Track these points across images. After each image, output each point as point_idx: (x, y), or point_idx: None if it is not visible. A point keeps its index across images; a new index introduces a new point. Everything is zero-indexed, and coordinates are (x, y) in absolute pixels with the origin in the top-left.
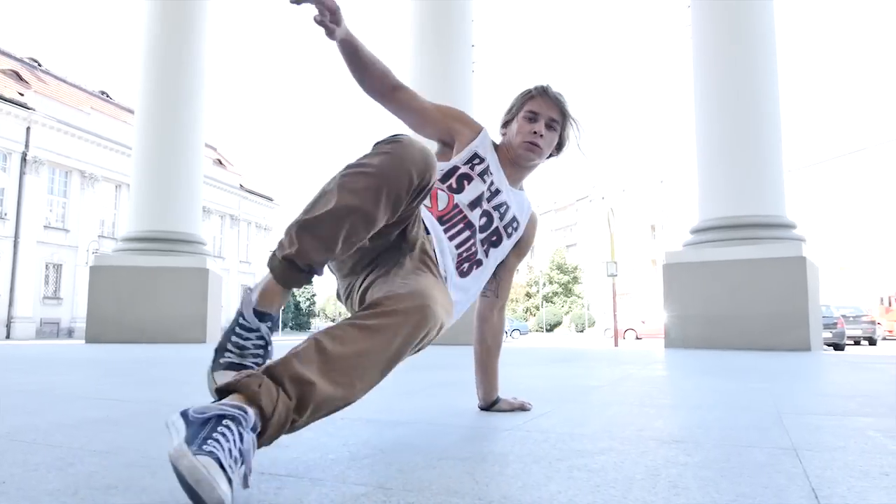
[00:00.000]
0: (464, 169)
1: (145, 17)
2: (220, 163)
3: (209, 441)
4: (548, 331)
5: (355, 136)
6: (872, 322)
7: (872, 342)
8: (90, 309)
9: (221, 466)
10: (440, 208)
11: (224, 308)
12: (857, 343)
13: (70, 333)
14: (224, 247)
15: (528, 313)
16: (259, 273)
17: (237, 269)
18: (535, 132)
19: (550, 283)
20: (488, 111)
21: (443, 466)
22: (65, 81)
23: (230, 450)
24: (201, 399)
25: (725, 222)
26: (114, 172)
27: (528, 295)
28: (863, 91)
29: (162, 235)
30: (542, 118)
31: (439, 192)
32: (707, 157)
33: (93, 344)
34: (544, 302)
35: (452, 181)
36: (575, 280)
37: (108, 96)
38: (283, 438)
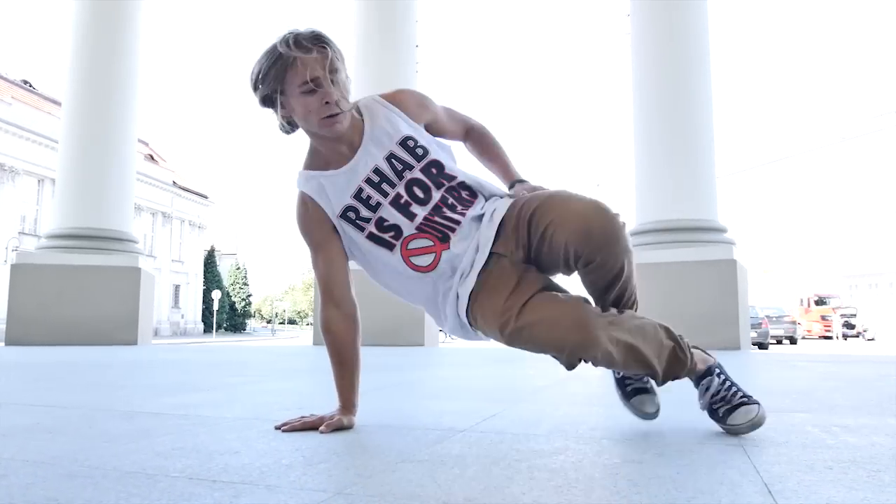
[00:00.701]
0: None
1: (74, 3)
2: (153, 158)
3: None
4: None
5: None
6: (793, 322)
7: (793, 341)
8: (10, 309)
9: None
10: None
11: (155, 309)
12: (779, 342)
13: None
14: (156, 245)
15: None
16: (192, 272)
17: (169, 268)
18: (326, 103)
19: None
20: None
21: (402, 470)
22: None
23: None
24: (140, 403)
25: (661, 225)
26: (36, 166)
27: None
28: (786, 103)
29: (91, 233)
30: (320, 82)
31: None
32: (645, 162)
33: (14, 346)
34: None
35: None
36: None
37: (30, 86)
38: (233, 444)
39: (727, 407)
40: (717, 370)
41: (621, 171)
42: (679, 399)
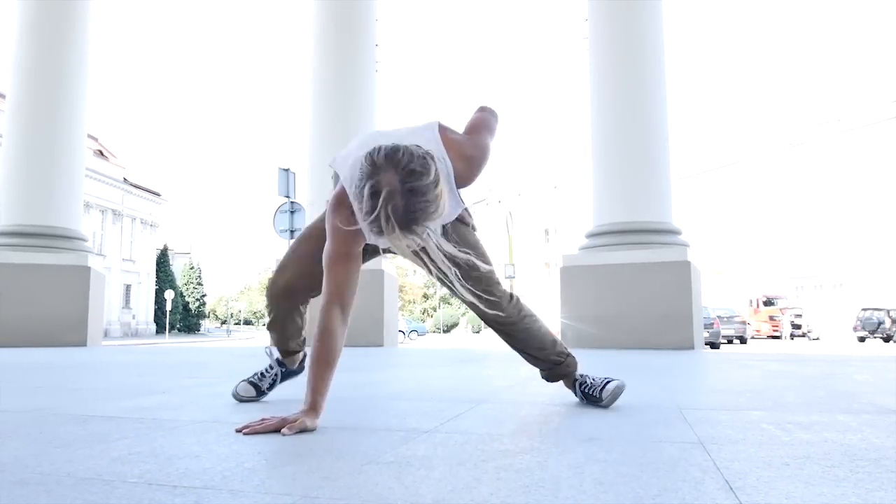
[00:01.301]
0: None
1: None
2: (102, 154)
3: None
4: (445, 332)
5: (249, 128)
6: (743, 322)
7: (743, 341)
8: None
9: None
10: None
11: (105, 309)
12: (730, 342)
13: None
14: (105, 244)
15: (426, 314)
16: (143, 271)
17: (120, 267)
18: None
19: None
20: (390, 110)
21: (368, 472)
22: None
23: None
24: (93, 406)
25: (618, 227)
26: None
27: (426, 296)
28: (739, 107)
29: (37, 230)
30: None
31: None
32: (602, 165)
33: None
34: (441, 303)
35: None
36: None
37: None
38: (193, 447)
39: (600, 388)
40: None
41: (579, 173)
42: (637, 399)
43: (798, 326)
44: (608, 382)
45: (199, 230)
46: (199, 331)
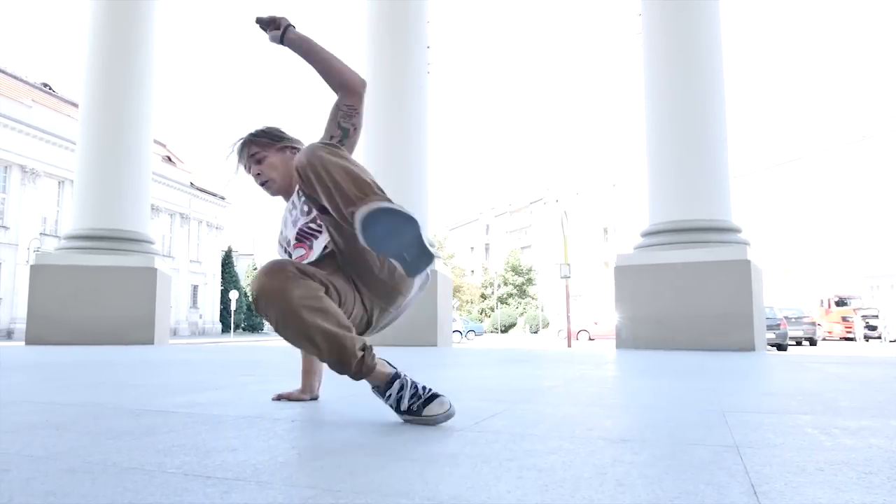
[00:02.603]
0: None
1: (91, 5)
2: (170, 160)
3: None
4: (503, 332)
5: (307, 131)
6: (813, 323)
7: (813, 342)
8: (31, 309)
9: None
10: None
11: (173, 309)
12: (798, 343)
13: (9, 335)
14: (174, 246)
15: (484, 314)
16: (209, 272)
17: (187, 268)
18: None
19: (505, 284)
20: (443, 111)
21: (393, 468)
22: (4, 72)
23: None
24: (148, 401)
25: (674, 226)
26: (57, 168)
27: (483, 296)
28: (805, 100)
29: (108, 234)
30: (248, 170)
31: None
32: (657, 162)
33: (34, 346)
34: (499, 303)
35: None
36: (529, 282)
37: (50, 89)
38: (233, 441)
39: (421, 402)
40: (403, 375)
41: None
42: (682, 401)
43: (873, 328)
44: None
45: (261, 232)
46: (262, 330)
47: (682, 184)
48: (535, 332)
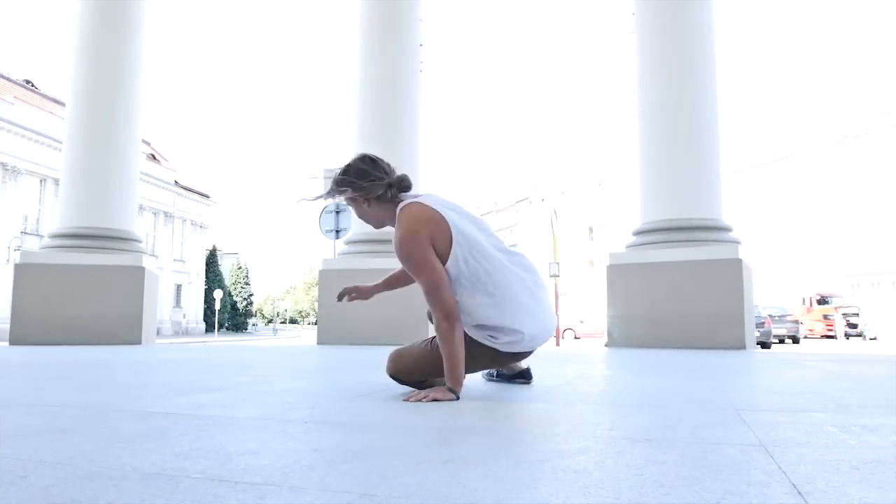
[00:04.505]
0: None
1: (78, 2)
2: (154, 158)
3: None
4: None
5: (295, 130)
6: (796, 322)
7: (796, 340)
8: (14, 309)
9: None
10: None
11: (158, 308)
12: (781, 341)
13: None
14: (158, 245)
15: None
16: (193, 271)
17: (171, 267)
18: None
19: None
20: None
21: (425, 471)
22: None
23: None
24: (151, 402)
25: (666, 224)
26: (39, 166)
27: None
28: (789, 101)
29: (95, 232)
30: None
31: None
32: (650, 161)
33: (18, 346)
34: None
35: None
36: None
37: (33, 86)
38: (250, 444)
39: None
40: None
41: (623, 170)
42: (692, 400)
43: (854, 326)
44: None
45: (246, 231)
46: (246, 329)
47: (675, 183)
48: None
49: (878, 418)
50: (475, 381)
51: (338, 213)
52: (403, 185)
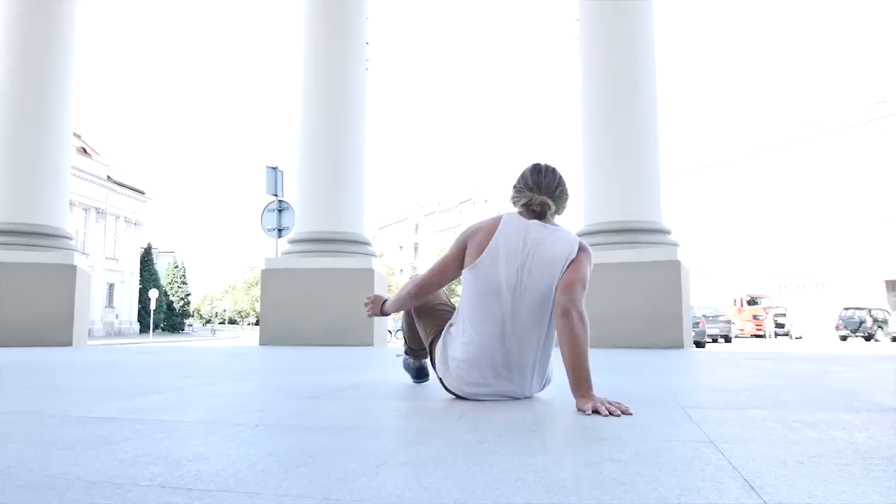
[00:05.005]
0: None
1: None
2: (86, 151)
3: None
4: None
5: (235, 126)
6: (728, 321)
7: (728, 339)
8: None
9: None
10: None
11: (90, 307)
12: (715, 340)
13: None
14: (89, 242)
15: None
16: (127, 270)
17: (103, 266)
18: None
19: None
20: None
21: (384, 473)
22: None
23: None
24: (89, 407)
25: (608, 227)
26: None
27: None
28: (721, 107)
29: (22, 228)
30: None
31: None
32: (593, 163)
33: None
34: None
35: None
36: (458, 281)
37: None
38: (200, 449)
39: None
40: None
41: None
42: (639, 398)
43: (781, 325)
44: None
45: (183, 229)
46: (182, 330)
47: (617, 185)
48: None
49: (815, 414)
50: (434, 380)
51: (280, 211)
52: (526, 205)
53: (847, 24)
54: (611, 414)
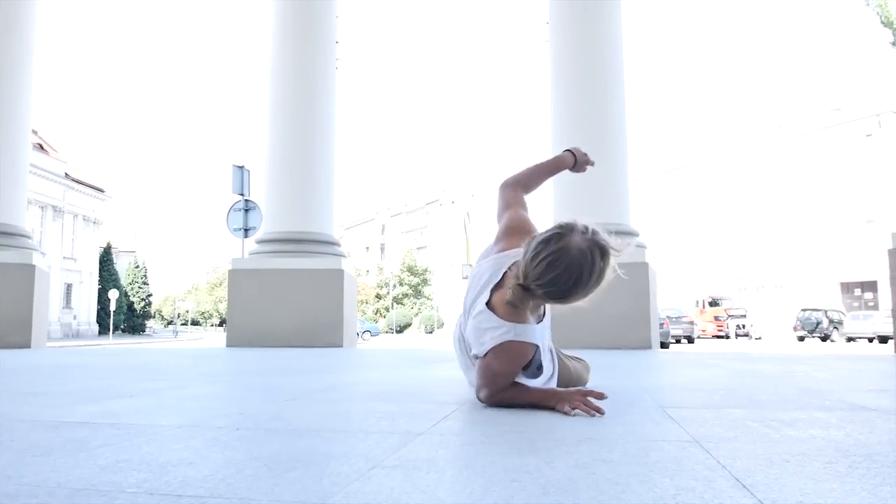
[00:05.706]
0: None
1: None
2: (42, 148)
3: None
4: (398, 332)
5: (200, 124)
6: (691, 322)
7: (691, 340)
8: None
9: None
10: None
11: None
12: (678, 341)
13: None
14: (45, 241)
15: (379, 314)
16: (86, 270)
17: (60, 265)
18: None
19: (401, 284)
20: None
21: (377, 476)
22: None
23: None
24: (60, 411)
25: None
26: None
27: (379, 296)
28: (683, 112)
29: None
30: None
31: None
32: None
33: None
34: (394, 303)
35: None
36: (425, 282)
37: None
38: (183, 454)
39: None
40: None
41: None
42: (618, 399)
43: (742, 326)
44: None
45: (144, 228)
46: (143, 332)
47: (588, 187)
48: (431, 333)
49: (791, 413)
50: (411, 381)
51: (247, 210)
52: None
53: (806, 34)
54: (597, 412)
